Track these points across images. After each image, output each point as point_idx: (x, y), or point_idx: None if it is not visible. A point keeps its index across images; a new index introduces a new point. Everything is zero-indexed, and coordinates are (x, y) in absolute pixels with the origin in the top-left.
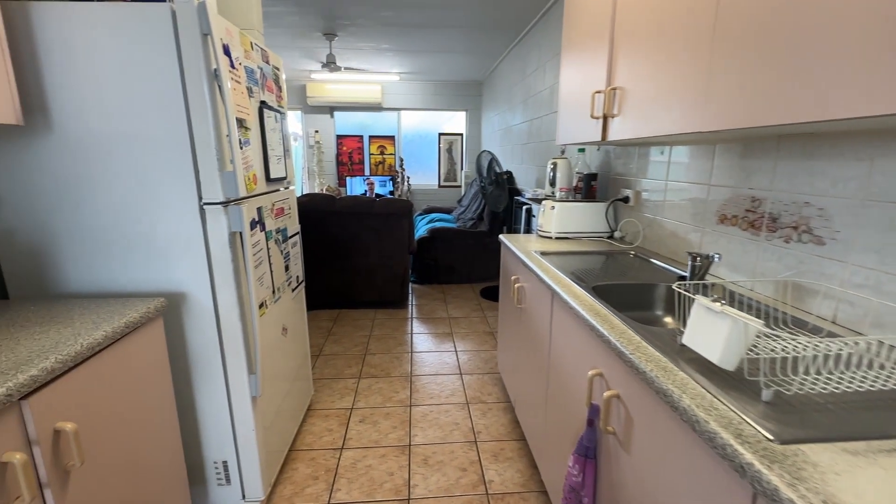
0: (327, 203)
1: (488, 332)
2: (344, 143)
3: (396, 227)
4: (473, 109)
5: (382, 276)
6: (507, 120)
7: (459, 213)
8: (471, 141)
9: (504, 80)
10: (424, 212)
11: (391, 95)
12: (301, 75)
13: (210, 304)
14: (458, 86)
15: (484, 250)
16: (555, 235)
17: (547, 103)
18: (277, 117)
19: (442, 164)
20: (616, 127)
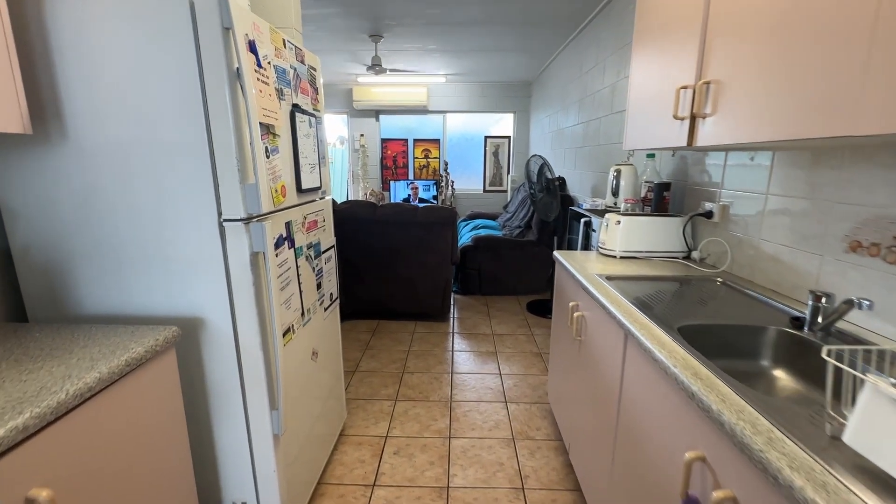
0: (368, 211)
1: (536, 353)
2: (388, 146)
3: (439, 236)
4: (522, 111)
5: (423, 288)
6: (558, 122)
7: (505, 219)
8: (518, 144)
9: (556, 80)
10: (468, 218)
11: (437, 98)
12: (347, 79)
13: (230, 331)
14: (506, 87)
15: (531, 261)
16: (619, 254)
17: (606, 103)
18: (312, 122)
19: (487, 168)
20: (708, 130)
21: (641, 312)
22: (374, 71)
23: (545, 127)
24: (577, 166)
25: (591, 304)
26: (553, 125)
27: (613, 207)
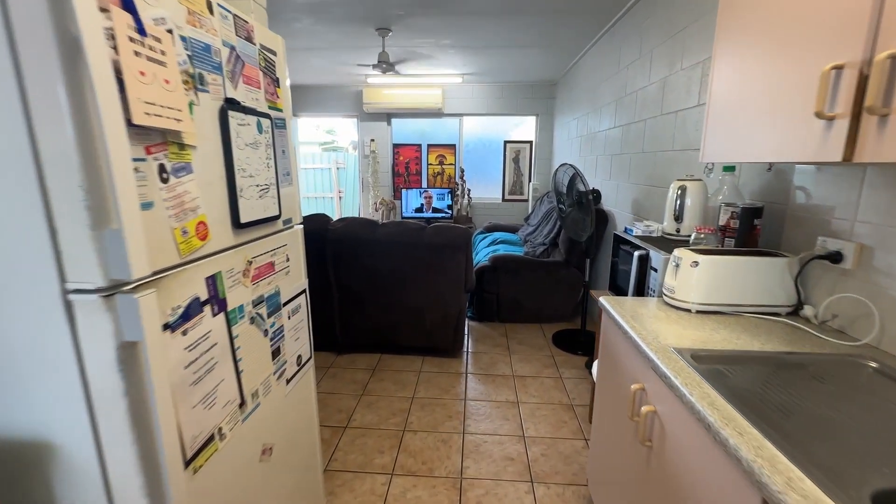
0: (367, 230)
1: (566, 404)
2: (401, 152)
3: (451, 261)
4: (545, 114)
5: (432, 319)
6: (588, 125)
7: (527, 233)
8: (541, 149)
9: (586, 78)
10: (486, 230)
11: (453, 100)
12: (357, 80)
13: (94, 464)
14: (528, 88)
15: (557, 284)
16: (696, 308)
17: (654, 103)
18: (264, 125)
19: (507, 176)
20: (894, 134)
21: (782, 448)
22: (381, 69)
23: (572, 131)
24: (614, 176)
25: (671, 403)
26: (582, 129)
27: (676, 236)
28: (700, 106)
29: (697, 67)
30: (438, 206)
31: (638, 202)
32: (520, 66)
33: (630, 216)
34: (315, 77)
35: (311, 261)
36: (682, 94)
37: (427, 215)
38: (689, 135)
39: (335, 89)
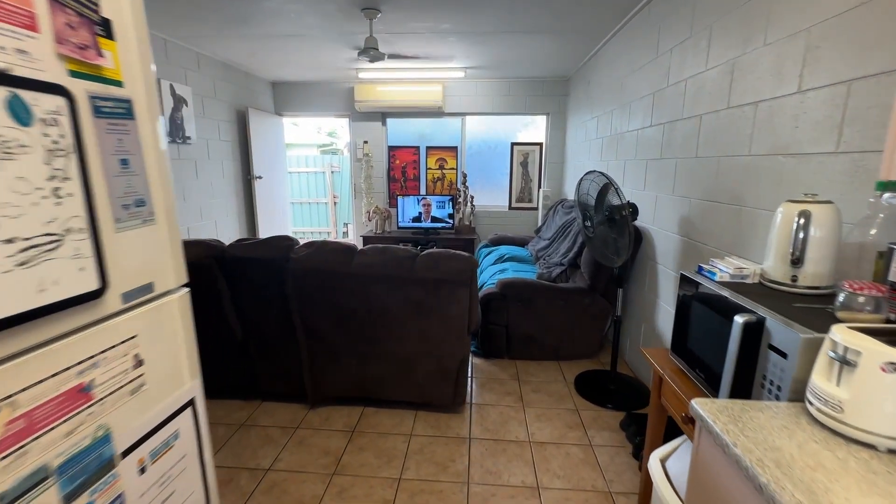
0: (340, 260)
1: (603, 491)
2: (397, 155)
3: (449, 300)
4: (557, 113)
5: (426, 372)
6: (613, 124)
7: (539, 249)
8: (552, 152)
9: (610, 69)
10: (491, 242)
11: (454, 98)
12: (348, 76)
13: None
14: (538, 84)
15: (580, 316)
16: (888, 447)
17: (713, 93)
18: (36, 109)
19: (515, 182)
20: None
21: None
22: (368, 57)
23: (590, 132)
24: (651, 186)
25: None
26: (603, 129)
27: (791, 287)
28: (804, 93)
29: (798, 39)
30: (438, 214)
31: (689, 222)
32: (529, 59)
33: (677, 237)
34: (299, 72)
35: (270, 295)
36: (768, 78)
37: (425, 225)
38: (782, 134)
39: (324, 86)
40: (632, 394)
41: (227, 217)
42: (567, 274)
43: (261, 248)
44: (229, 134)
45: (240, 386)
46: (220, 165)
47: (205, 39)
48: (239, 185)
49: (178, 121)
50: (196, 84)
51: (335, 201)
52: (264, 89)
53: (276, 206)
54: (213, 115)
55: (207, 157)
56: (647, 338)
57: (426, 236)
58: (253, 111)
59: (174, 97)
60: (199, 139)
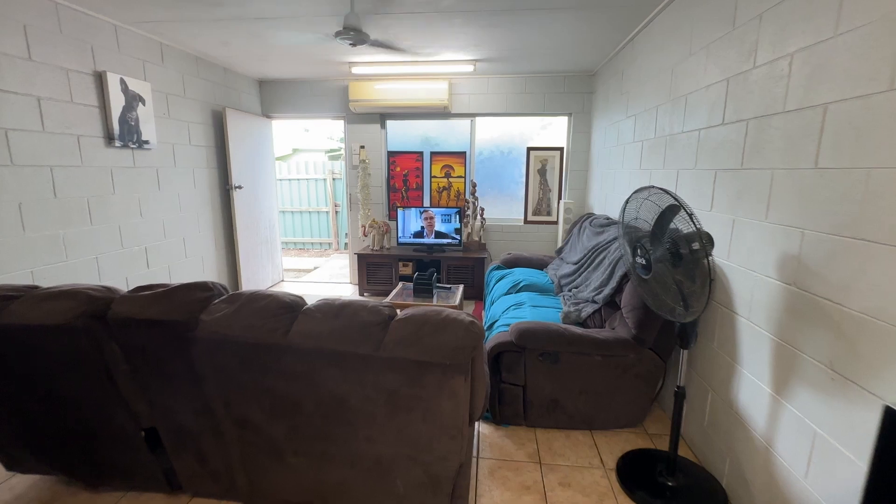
0: (272, 328)
1: None
2: (398, 161)
3: (437, 390)
4: (581, 113)
5: (408, 479)
6: (659, 124)
7: (563, 275)
8: (575, 158)
9: (655, 55)
10: (505, 264)
11: (462, 97)
12: (340, 72)
13: None
14: (559, 80)
15: (623, 374)
16: None
17: (858, 73)
18: None
19: (531, 192)
20: None
21: None
22: (348, 39)
23: (624, 134)
24: (723, 206)
25: None
26: (644, 130)
27: None
28: None
29: None
30: (443, 229)
31: (801, 264)
32: (549, 49)
33: (775, 284)
34: (286, 67)
35: (178, 371)
36: None
37: (428, 241)
38: None
39: (315, 84)
40: (701, 494)
41: (199, 232)
42: (602, 315)
43: (157, 306)
44: (203, 138)
45: (158, 479)
46: (191, 174)
47: (165, 25)
48: (215, 195)
49: (130, 121)
50: (158, 79)
51: (336, 210)
52: (248, 88)
53: (260, 219)
54: (181, 117)
55: (173, 164)
56: (717, 413)
57: (429, 254)
58: (232, 112)
59: (126, 94)
60: (162, 144)
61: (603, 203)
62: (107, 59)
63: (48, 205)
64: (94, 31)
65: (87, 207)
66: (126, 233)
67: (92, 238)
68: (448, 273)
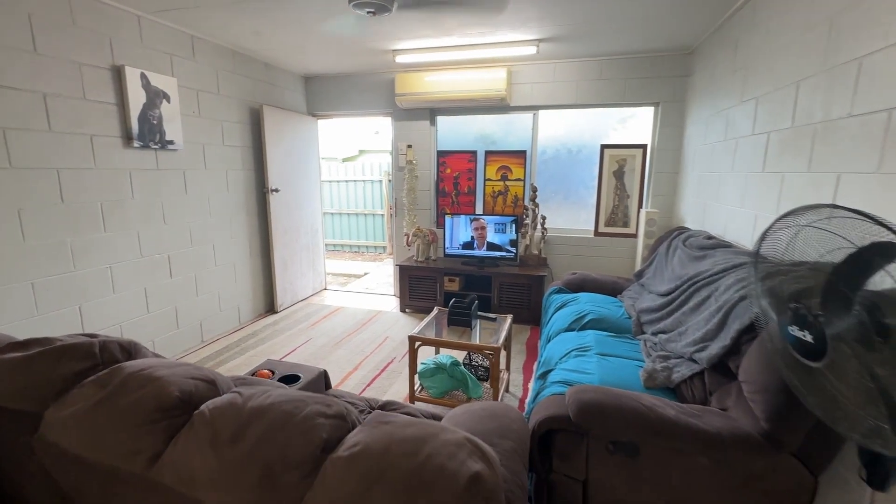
0: (128, 453)
1: None
2: (448, 162)
3: None
4: (671, 102)
5: None
6: (801, 108)
7: (643, 309)
8: (663, 158)
9: (794, 11)
10: (568, 286)
11: (523, 86)
12: (384, 62)
13: None
14: (643, 62)
15: (742, 489)
16: None
17: None
18: None
19: (605, 198)
20: None
21: None
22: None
23: (737, 124)
24: None
25: None
26: (773, 118)
27: None
28: None
29: None
30: (496, 240)
31: None
32: (634, 23)
33: None
34: (330, 61)
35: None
36: None
37: (479, 254)
38: None
39: (361, 78)
40: None
41: (231, 239)
42: (705, 382)
43: (5, 381)
44: (238, 138)
45: None
46: (223, 176)
47: (190, 14)
48: (251, 199)
49: (152, 120)
50: (187, 75)
51: (392, 213)
52: (293, 85)
53: (301, 224)
54: (214, 115)
55: (203, 166)
56: None
57: (479, 268)
58: (270, 110)
59: (147, 90)
60: (191, 144)
61: (700, 215)
62: (127, 52)
63: (53, 210)
64: (112, 21)
65: (99, 213)
66: (146, 240)
67: (105, 246)
68: (500, 292)
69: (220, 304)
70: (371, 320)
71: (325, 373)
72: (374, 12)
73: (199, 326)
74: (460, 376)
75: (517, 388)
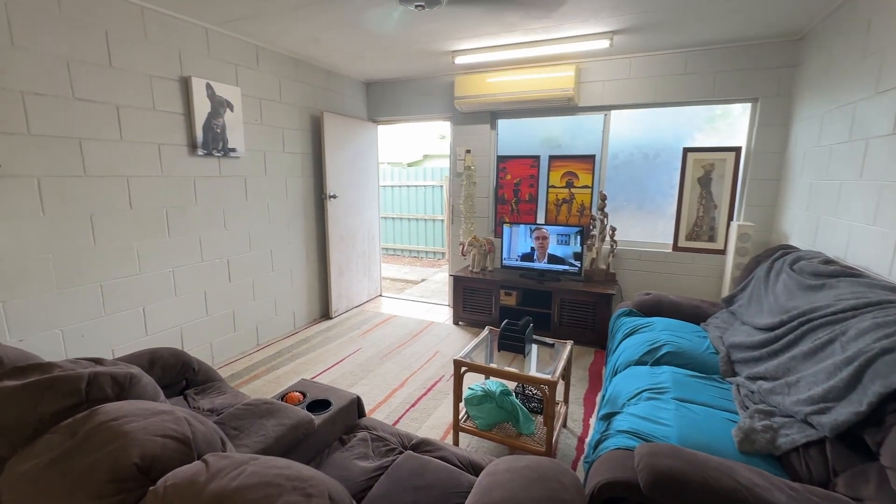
0: None
1: None
2: (509, 168)
3: None
4: (773, 97)
5: None
6: None
7: (735, 344)
8: (761, 163)
9: None
10: (639, 308)
11: (593, 84)
12: (443, 65)
13: None
14: (739, 52)
15: None
16: None
17: None
18: None
19: (687, 208)
20: None
21: None
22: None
23: (866, 122)
24: None
25: None
26: None
27: None
28: None
29: None
30: (559, 252)
31: None
32: (729, 6)
33: None
34: (389, 65)
35: None
36: None
37: (539, 266)
38: None
39: (420, 83)
40: None
41: (289, 244)
42: (827, 455)
43: None
44: (299, 145)
45: None
46: (283, 183)
47: (251, 24)
48: (309, 205)
49: (216, 129)
50: (251, 84)
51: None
52: (354, 91)
53: (358, 230)
54: (276, 122)
55: (263, 172)
56: None
57: (539, 282)
58: (330, 116)
59: (212, 100)
60: (252, 151)
61: (811, 232)
62: (194, 63)
63: (122, 216)
64: (181, 34)
65: (164, 218)
66: (207, 245)
67: (169, 250)
68: (561, 309)
69: (276, 308)
70: (423, 332)
71: (359, 400)
72: (423, 6)
73: (256, 330)
74: (510, 407)
75: (576, 423)
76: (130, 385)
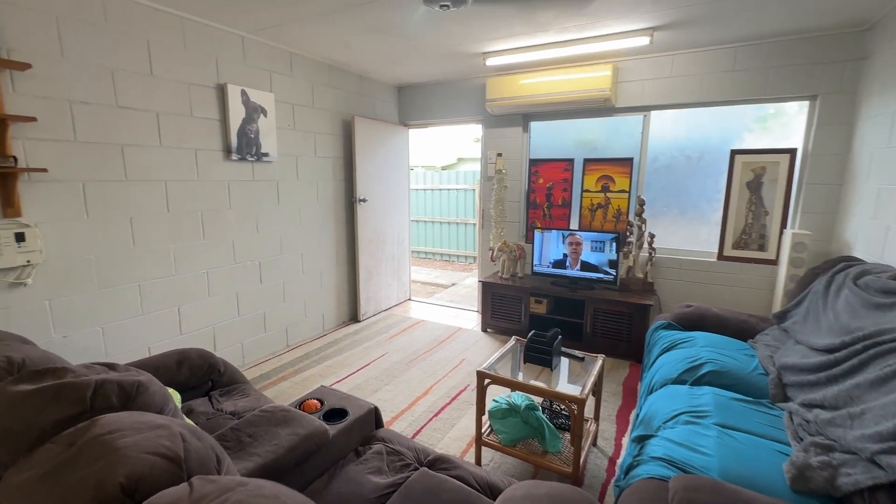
0: None
1: None
2: (541, 172)
3: None
4: (835, 94)
5: None
6: None
7: (787, 365)
8: (819, 165)
9: None
10: (678, 321)
11: (631, 84)
12: (475, 67)
13: None
14: (794, 45)
15: None
16: None
17: None
18: None
19: (734, 215)
20: None
21: None
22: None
23: None
24: None
25: None
26: None
27: None
28: None
29: None
30: (593, 260)
31: None
32: None
33: None
34: (420, 69)
35: None
36: None
37: (572, 274)
38: None
39: (452, 86)
40: None
41: (320, 247)
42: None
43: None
44: (331, 149)
45: None
46: (314, 187)
47: (282, 30)
48: (339, 209)
49: (249, 134)
50: (284, 90)
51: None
52: (386, 95)
53: (388, 234)
54: (308, 127)
55: (295, 177)
56: None
57: (571, 290)
58: (361, 120)
59: (246, 106)
60: (284, 156)
61: (879, 243)
62: (230, 70)
63: (160, 219)
64: (218, 42)
65: (199, 221)
66: (240, 247)
67: (204, 252)
68: (593, 319)
69: (306, 310)
70: (450, 338)
71: (376, 410)
72: (448, 5)
73: (285, 331)
74: (536, 423)
75: (608, 441)
76: (137, 394)
